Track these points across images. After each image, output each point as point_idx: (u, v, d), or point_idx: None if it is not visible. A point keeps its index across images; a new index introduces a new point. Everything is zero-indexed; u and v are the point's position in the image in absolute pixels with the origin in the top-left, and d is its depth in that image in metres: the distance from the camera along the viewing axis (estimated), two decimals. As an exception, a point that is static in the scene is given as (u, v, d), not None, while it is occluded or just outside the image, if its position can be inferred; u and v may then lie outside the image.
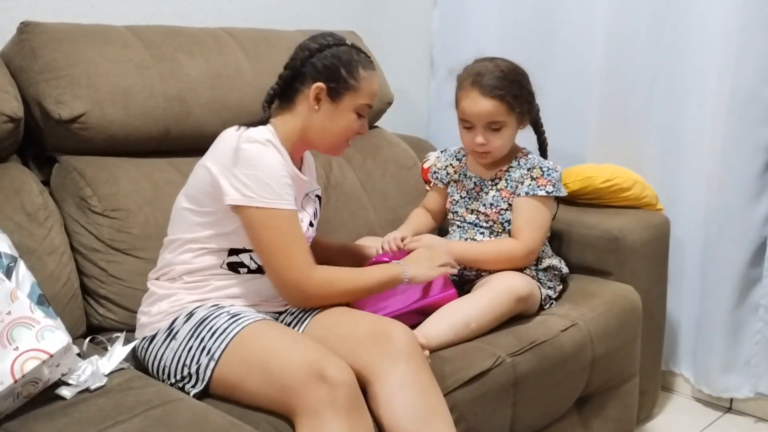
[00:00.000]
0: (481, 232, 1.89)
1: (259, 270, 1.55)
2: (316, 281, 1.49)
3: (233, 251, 1.53)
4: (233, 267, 1.54)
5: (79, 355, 1.36)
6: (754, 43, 2.07)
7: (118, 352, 1.41)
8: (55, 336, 1.24)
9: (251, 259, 1.55)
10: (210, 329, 1.43)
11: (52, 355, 1.22)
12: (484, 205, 1.89)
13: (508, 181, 1.87)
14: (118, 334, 1.49)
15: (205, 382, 1.40)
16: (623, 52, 2.33)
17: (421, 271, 1.64)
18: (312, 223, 1.67)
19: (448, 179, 1.98)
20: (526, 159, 1.88)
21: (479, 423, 1.57)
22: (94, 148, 1.78)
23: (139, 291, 1.68)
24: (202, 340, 1.43)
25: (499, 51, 1.93)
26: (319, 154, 1.77)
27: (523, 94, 1.82)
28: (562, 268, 1.94)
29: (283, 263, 1.47)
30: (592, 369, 1.84)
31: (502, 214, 1.86)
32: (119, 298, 1.71)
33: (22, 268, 1.38)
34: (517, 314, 1.77)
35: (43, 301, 1.35)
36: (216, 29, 2.07)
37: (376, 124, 2.44)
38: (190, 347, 1.43)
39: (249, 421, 1.29)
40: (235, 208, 1.47)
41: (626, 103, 2.36)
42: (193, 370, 1.42)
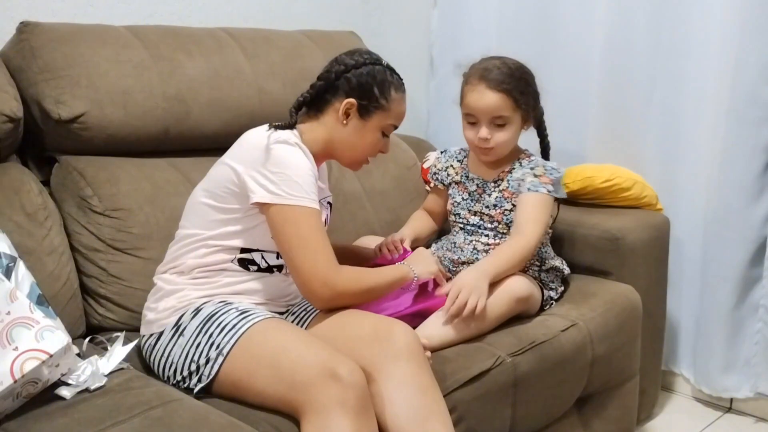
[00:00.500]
0: (486, 234, 1.89)
1: (269, 269, 1.56)
2: (344, 278, 1.49)
3: (246, 249, 1.54)
4: (243, 264, 1.55)
5: (79, 355, 1.35)
6: (754, 43, 2.07)
7: (118, 352, 1.41)
8: (54, 336, 1.24)
9: (262, 257, 1.56)
10: (219, 325, 1.43)
11: (52, 355, 1.22)
12: (487, 207, 1.89)
13: (510, 182, 1.87)
14: (117, 334, 1.49)
15: (211, 378, 1.40)
16: (623, 52, 2.33)
17: (426, 268, 1.68)
18: None
19: (449, 180, 1.98)
20: (529, 160, 1.88)
21: (479, 423, 1.57)
22: (93, 148, 1.78)
23: (139, 291, 1.68)
24: (211, 335, 1.43)
25: (499, 51, 1.93)
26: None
27: (529, 92, 1.82)
28: (564, 269, 1.94)
29: (311, 260, 1.46)
30: (592, 369, 1.83)
31: (506, 215, 1.86)
32: (119, 298, 1.71)
33: (22, 268, 1.38)
34: (518, 314, 1.77)
35: (42, 301, 1.35)
36: (215, 29, 2.07)
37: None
38: (198, 343, 1.44)
39: (249, 422, 1.29)
40: (262, 207, 1.48)
41: (626, 103, 2.36)
42: (202, 363, 1.42)
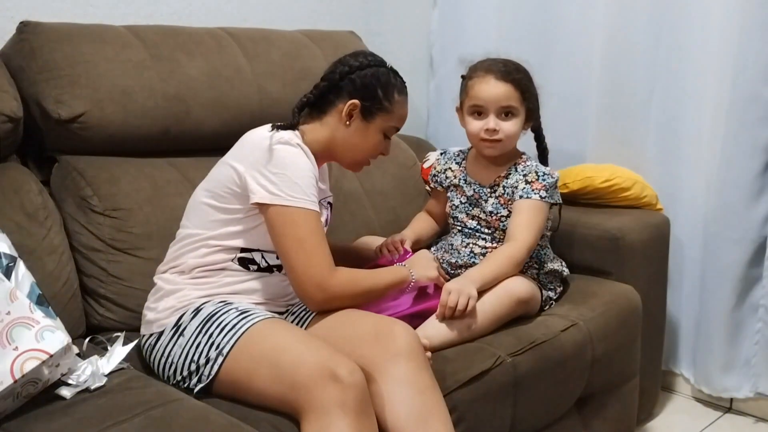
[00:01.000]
0: (483, 238, 1.88)
1: (268, 269, 1.57)
2: (338, 281, 1.49)
3: (246, 249, 1.54)
4: (244, 263, 1.55)
5: (79, 355, 1.35)
6: (754, 43, 2.07)
7: (118, 352, 1.41)
8: (54, 336, 1.24)
9: (262, 257, 1.56)
10: (219, 325, 1.43)
11: (52, 355, 1.22)
12: (485, 212, 1.89)
13: (505, 188, 1.87)
14: (117, 334, 1.49)
15: (211, 377, 1.40)
16: (623, 51, 2.33)
17: (426, 272, 1.68)
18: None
19: (448, 183, 1.98)
20: (524, 165, 1.88)
21: (479, 423, 1.57)
22: (93, 147, 1.78)
23: (139, 291, 1.68)
24: (211, 335, 1.43)
25: (499, 51, 1.92)
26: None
27: (532, 91, 1.84)
28: (563, 271, 1.94)
29: (306, 262, 1.46)
30: (592, 369, 1.83)
31: (502, 221, 1.86)
32: (119, 298, 1.71)
33: (22, 268, 1.38)
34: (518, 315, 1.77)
35: (42, 301, 1.35)
36: (215, 29, 2.07)
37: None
38: (198, 343, 1.44)
39: (250, 422, 1.29)
40: (261, 207, 1.48)
41: (626, 103, 2.36)
42: (202, 363, 1.42)
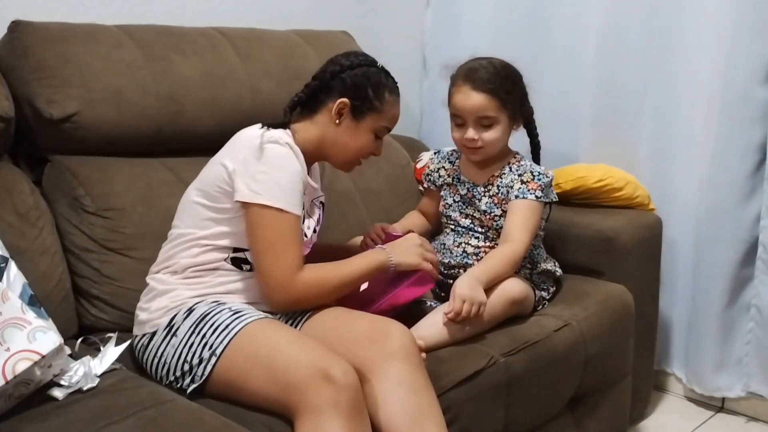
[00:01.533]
0: (476, 237, 1.88)
1: None
2: (301, 283, 1.48)
3: (238, 248, 1.54)
4: (236, 263, 1.55)
5: (71, 356, 1.35)
6: (746, 43, 2.08)
7: (111, 353, 1.41)
8: (46, 337, 1.23)
9: None
10: (212, 325, 1.43)
11: (44, 356, 1.22)
12: (478, 211, 1.89)
13: (500, 187, 1.87)
14: (110, 335, 1.49)
15: (204, 378, 1.40)
16: (616, 52, 2.34)
17: (406, 259, 1.61)
18: (315, 230, 1.68)
19: (441, 182, 1.98)
20: (518, 165, 1.88)
21: (473, 423, 1.57)
22: (86, 147, 1.78)
23: (132, 291, 1.67)
24: (204, 335, 1.42)
25: (492, 51, 1.93)
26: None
27: (515, 92, 1.82)
28: (556, 271, 1.95)
29: (272, 264, 1.47)
30: (585, 369, 1.84)
31: (496, 221, 1.86)
32: (112, 298, 1.70)
33: (14, 269, 1.37)
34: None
35: (34, 302, 1.34)
36: (208, 29, 2.06)
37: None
38: (192, 343, 1.43)
39: (243, 422, 1.29)
40: (243, 205, 1.48)
41: (619, 104, 2.37)
42: (195, 363, 1.41)
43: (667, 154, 2.31)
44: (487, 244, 1.87)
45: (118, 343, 1.44)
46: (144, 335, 1.53)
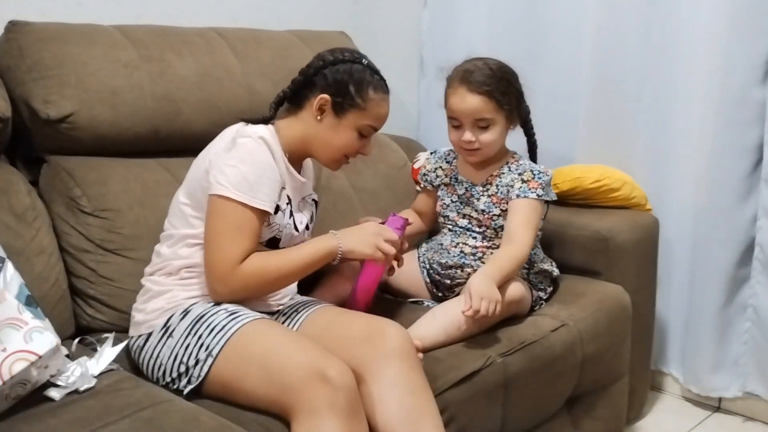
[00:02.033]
0: (474, 237, 1.88)
1: None
2: (241, 275, 1.45)
3: None
4: None
5: (68, 357, 1.35)
6: (743, 44, 2.08)
7: (108, 353, 1.41)
8: (43, 337, 1.23)
9: None
10: (208, 326, 1.43)
11: (41, 357, 1.22)
12: (476, 211, 1.89)
13: (499, 187, 1.87)
14: (107, 335, 1.49)
15: (200, 379, 1.40)
16: (612, 52, 2.34)
17: (357, 246, 1.57)
18: (308, 227, 1.68)
19: (438, 182, 1.98)
20: (517, 164, 1.88)
21: (470, 423, 1.57)
22: (82, 148, 1.78)
23: (128, 291, 1.67)
24: (200, 337, 1.42)
25: (489, 51, 1.93)
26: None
27: (512, 92, 1.82)
28: (553, 271, 1.95)
29: (214, 254, 1.46)
30: (582, 369, 1.84)
31: (494, 220, 1.86)
32: (108, 299, 1.70)
33: (10, 269, 1.37)
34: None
35: (31, 302, 1.34)
36: (205, 29, 2.06)
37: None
38: (188, 344, 1.43)
39: (240, 423, 1.29)
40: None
41: (615, 104, 2.37)
42: (191, 364, 1.41)
43: (664, 155, 2.31)
44: (485, 244, 1.87)
45: (114, 344, 1.44)
46: (140, 336, 1.53)
